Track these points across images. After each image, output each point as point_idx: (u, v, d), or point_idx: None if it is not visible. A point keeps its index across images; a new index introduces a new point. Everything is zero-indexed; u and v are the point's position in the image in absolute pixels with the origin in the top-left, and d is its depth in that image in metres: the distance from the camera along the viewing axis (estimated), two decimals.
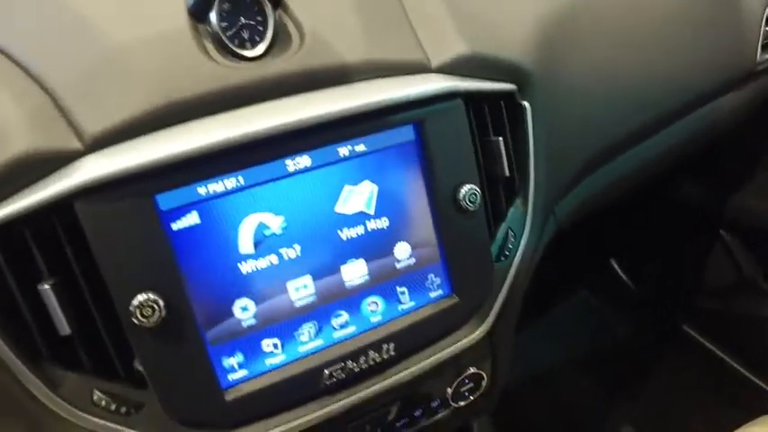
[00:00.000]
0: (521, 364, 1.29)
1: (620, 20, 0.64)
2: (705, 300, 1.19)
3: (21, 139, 0.39)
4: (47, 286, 0.40)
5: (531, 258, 0.59)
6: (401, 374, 0.52)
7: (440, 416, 0.61)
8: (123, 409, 0.44)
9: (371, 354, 0.50)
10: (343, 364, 0.49)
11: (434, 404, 0.60)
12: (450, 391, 0.60)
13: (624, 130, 0.68)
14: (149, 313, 0.40)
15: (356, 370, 0.49)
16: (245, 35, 0.45)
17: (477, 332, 0.55)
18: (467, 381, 0.61)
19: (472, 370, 0.60)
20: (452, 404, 0.61)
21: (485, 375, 0.61)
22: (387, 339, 0.50)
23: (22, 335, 0.40)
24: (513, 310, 0.61)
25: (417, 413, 0.60)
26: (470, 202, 0.50)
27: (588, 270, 1.40)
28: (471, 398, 0.62)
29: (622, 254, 1.34)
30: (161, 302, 0.41)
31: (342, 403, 0.50)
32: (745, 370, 1.13)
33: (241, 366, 0.47)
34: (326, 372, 0.48)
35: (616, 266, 1.34)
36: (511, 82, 0.54)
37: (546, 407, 1.21)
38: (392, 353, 0.51)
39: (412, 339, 0.52)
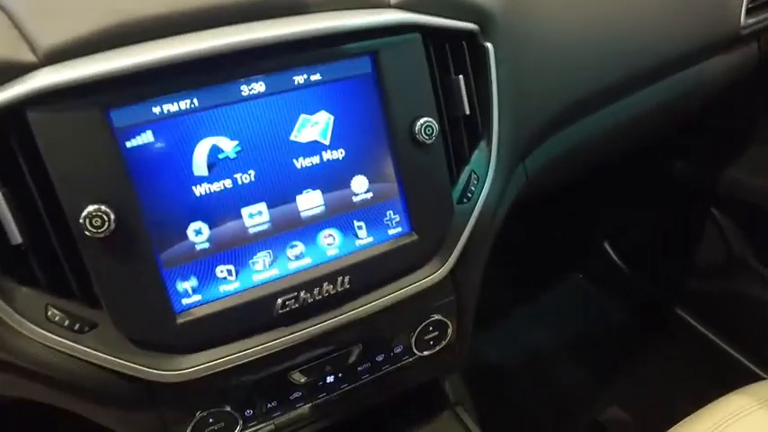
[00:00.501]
0: (512, 348, 1.28)
1: None
2: (697, 282, 1.17)
3: None
4: None
5: (495, 205, 0.59)
6: (357, 310, 0.52)
7: (403, 363, 0.61)
8: (77, 326, 0.45)
9: (326, 285, 0.50)
10: (296, 293, 0.49)
11: (397, 350, 0.60)
12: (413, 337, 0.60)
13: (597, 85, 0.67)
14: (99, 224, 0.41)
15: (310, 301, 0.50)
16: None
17: (436, 273, 0.55)
18: (431, 328, 0.60)
19: (436, 317, 0.60)
20: (416, 352, 0.61)
21: (449, 324, 0.61)
22: (342, 272, 0.51)
23: None
24: (479, 259, 0.61)
25: (379, 358, 0.59)
26: (426, 134, 0.50)
27: (581, 254, 1.39)
28: (436, 348, 0.62)
29: (615, 237, 1.33)
30: (112, 215, 0.41)
31: (295, 335, 0.50)
32: (737, 353, 1.11)
33: (195, 291, 0.48)
34: (279, 301, 0.49)
35: (609, 250, 1.33)
36: (473, 22, 0.54)
37: (537, 391, 1.20)
38: (347, 285, 0.51)
39: (369, 274, 0.52)
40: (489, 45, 0.55)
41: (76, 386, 0.48)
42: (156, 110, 0.44)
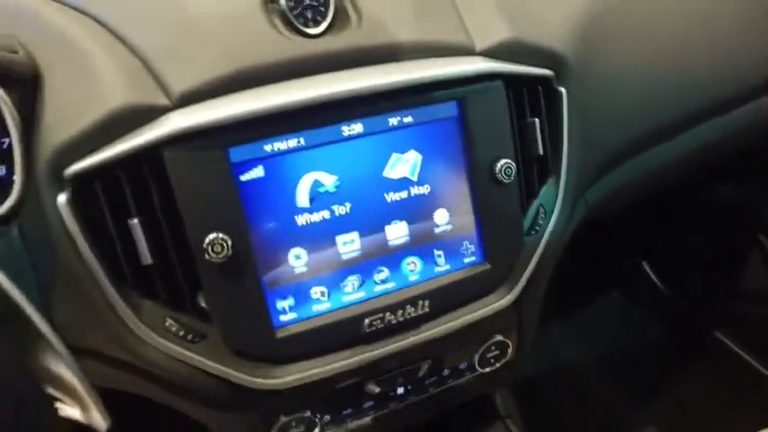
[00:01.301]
0: (550, 361, 1.31)
1: (654, 17, 0.68)
2: (739, 306, 1.19)
3: (118, 96, 0.45)
4: (135, 221, 0.47)
5: (559, 236, 0.63)
6: (433, 331, 0.57)
7: (465, 378, 0.66)
8: (189, 337, 0.50)
9: (408, 308, 0.55)
10: (382, 315, 0.54)
11: (462, 366, 0.65)
12: (477, 356, 0.64)
13: (653, 124, 0.71)
14: (219, 250, 0.46)
15: (393, 322, 0.55)
16: (309, 14, 0.51)
17: (505, 299, 0.59)
18: (493, 347, 0.65)
19: (499, 338, 0.64)
20: (478, 369, 0.66)
21: (510, 344, 0.65)
22: (423, 296, 0.55)
23: (113, 262, 0.47)
24: (541, 285, 0.65)
25: (445, 373, 0.64)
26: (506, 175, 0.55)
27: (620, 272, 1.42)
28: (497, 365, 0.66)
29: (655, 256, 1.35)
30: (229, 242, 0.47)
31: (378, 352, 0.55)
32: None
33: (291, 309, 0.53)
34: (367, 321, 0.54)
35: (648, 269, 1.35)
36: (549, 68, 0.58)
37: (576, 406, 1.23)
38: (426, 309, 0.56)
39: (445, 298, 0.57)
40: (563, 90, 0.59)
41: (184, 388, 0.53)
42: (268, 147, 0.49)
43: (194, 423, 0.59)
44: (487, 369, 0.66)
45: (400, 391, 0.63)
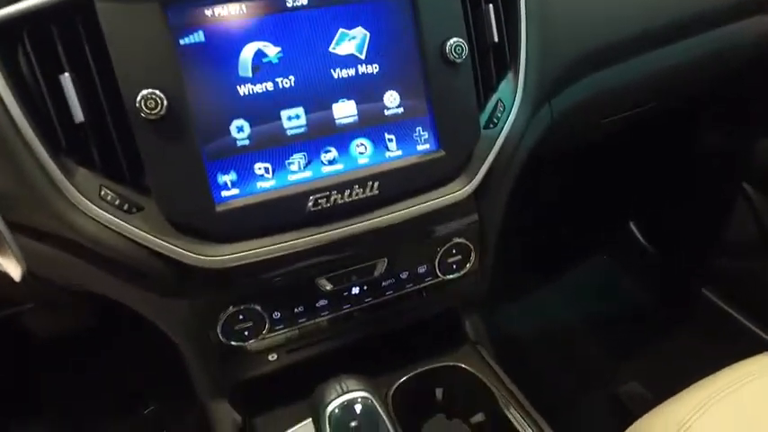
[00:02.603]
0: (536, 322, 1.29)
1: None
2: (726, 261, 1.16)
3: None
4: (67, 75, 0.46)
5: (520, 134, 0.61)
6: (384, 217, 0.55)
7: (426, 284, 0.64)
8: (126, 207, 0.49)
9: (356, 188, 0.53)
10: (328, 193, 0.52)
11: (421, 270, 0.63)
12: (437, 258, 0.62)
13: (619, 34, 0.69)
14: (153, 106, 0.45)
15: (340, 202, 0.53)
16: None
17: (461, 191, 0.57)
18: (454, 251, 0.63)
19: (459, 240, 0.63)
20: (440, 275, 0.64)
21: (472, 249, 0.63)
22: (372, 178, 0.54)
23: (44, 122, 0.46)
24: (501, 185, 0.63)
25: (404, 275, 0.62)
26: (456, 53, 0.53)
27: (608, 232, 1.39)
28: (459, 273, 0.64)
29: (642, 216, 1.32)
30: (164, 99, 0.45)
31: (326, 235, 0.53)
32: (761, 330, 1.09)
33: (234, 185, 0.51)
34: (312, 199, 0.52)
35: (634, 229, 1.33)
36: None
37: (559, 364, 1.21)
38: (376, 191, 0.54)
39: (396, 183, 0.55)
40: None
41: (122, 268, 0.52)
42: (208, 12, 0.48)
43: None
44: (449, 276, 0.64)
45: (355, 290, 0.61)
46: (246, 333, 0.57)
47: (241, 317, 0.56)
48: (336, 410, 0.50)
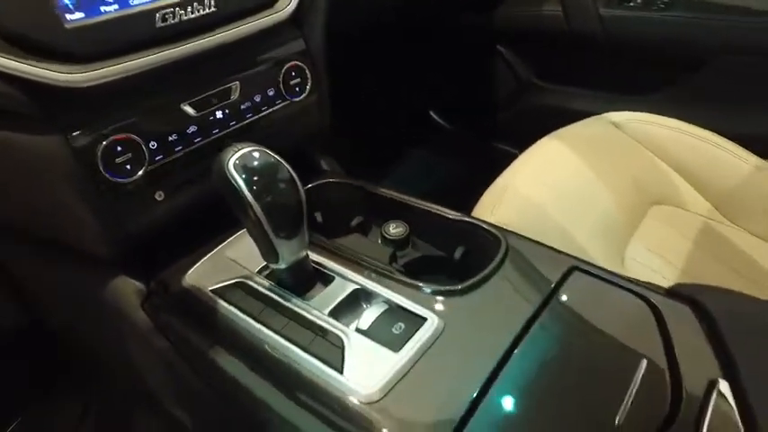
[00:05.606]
0: None
1: None
2: (499, 112, 1.47)
3: None
4: None
5: None
6: (225, 34, 0.64)
7: (277, 107, 0.73)
8: None
9: (196, 5, 0.61)
10: (173, 10, 0.59)
11: (270, 93, 0.72)
12: (280, 80, 0.73)
13: None
14: None
15: (185, 18, 0.60)
16: None
17: (283, 10, 0.69)
18: (293, 73, 0.74)
19: (294, 62, 0.74)
20: (287, 97, 0.74)
21: (306, 70, 0.75)
22: None
23: None
24: (317, 15, 0.76)
25: (257, 98, 0.71)
26: None
27: (418, 127, 1.63)
28: (301, 96, 0.75)
29: (436, 103, 1.59)
30: None
31: (177, 50, 0.60)
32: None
33: (77, 9, 0.54)
34: (159, 15, 0.58)
35: (434, 116, 1.58)
36: None
37: None
38: (213, 8, 0.62)
39: (230, 4, 0.64)
40: None
41: None
42: None
43: None
44: (295, 99, 0.75)
45: (219, 115, 0.67)
46: (129, 167, 0.60)
47: (119, 148, 0.59)
48: (237, 161, 0.55)
